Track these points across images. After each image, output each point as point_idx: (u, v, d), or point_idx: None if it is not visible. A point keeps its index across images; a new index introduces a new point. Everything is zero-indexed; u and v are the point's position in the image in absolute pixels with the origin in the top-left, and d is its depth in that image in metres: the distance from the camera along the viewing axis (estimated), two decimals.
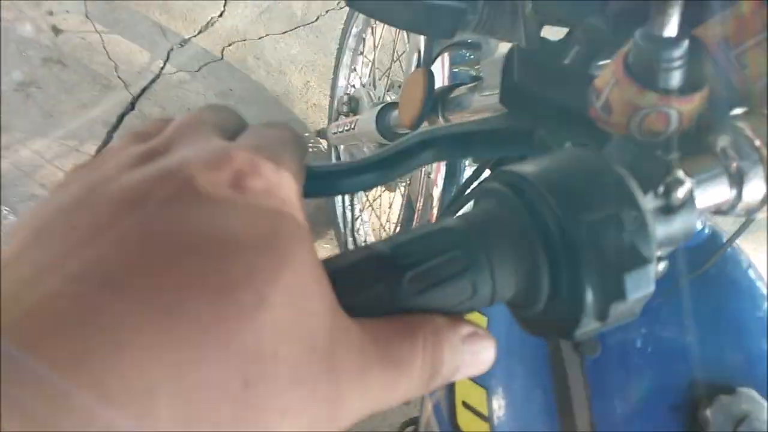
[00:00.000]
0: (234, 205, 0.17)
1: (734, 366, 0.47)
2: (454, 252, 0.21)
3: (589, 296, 0.21)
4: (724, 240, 0.56)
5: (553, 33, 0.46)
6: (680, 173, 0.23)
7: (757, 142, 0.26)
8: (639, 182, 0.22)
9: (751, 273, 0.57)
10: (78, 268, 0.15)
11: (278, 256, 0.17)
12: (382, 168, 0.29)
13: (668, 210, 0.23)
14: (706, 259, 0.54)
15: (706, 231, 0.56)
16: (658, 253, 0.24)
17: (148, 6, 1.85)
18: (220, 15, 1.90)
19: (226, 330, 0.15)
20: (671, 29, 0.25)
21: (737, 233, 0.49)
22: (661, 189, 0.23)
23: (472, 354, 0.22)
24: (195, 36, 1.85)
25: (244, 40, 1.89)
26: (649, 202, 0.23)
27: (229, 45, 1.87)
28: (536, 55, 0.36)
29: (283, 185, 0.19)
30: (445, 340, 0.21)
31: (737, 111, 0.28)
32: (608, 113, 0.28)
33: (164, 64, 1.79)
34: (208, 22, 1.88)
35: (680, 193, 0.23)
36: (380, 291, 0.21)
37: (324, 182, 0.26)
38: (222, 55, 1.85)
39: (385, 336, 0.20)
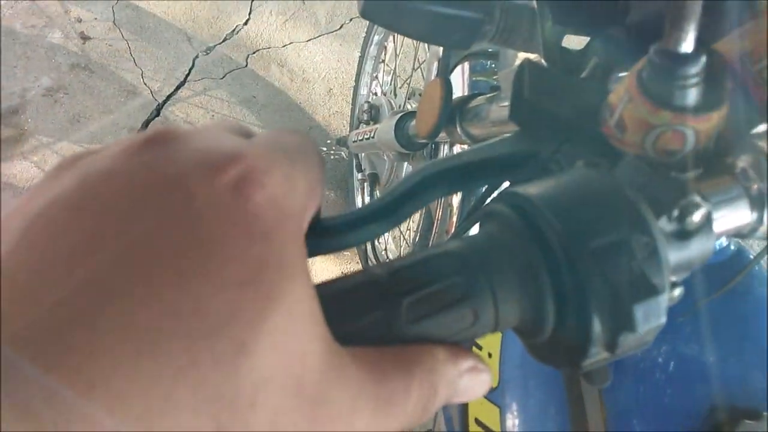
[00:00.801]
0: (227, 221, 0.16)
1: (760, 389, 0.46)
2: (455, 278, 0.21)
3: (597, 327, 0.20)
4: (751, 257, 0.54)
5: (574, 43, 0.46)
6: (696, 196, 0.22)
7: None
8: (652, 205, 0.21)
9: None
10: (55, 295, 0.14)
11: (266, 293, 0.16)
12: (386, 216, 0.27)
13: (683, 235, 0.22)
14: (731, 277, 0.52)
15: (732, 247, 0.54)
16: (673, 279, 0.23)
17: (175, 14, 1.87)
18: (245, 23, 1.92)
19: (199, 377, 0.14)
20: (687, 45, 0.24)
21: (764, 251, 0.47)
22: (675, 213, 0.22)
23: (467, 387, 0.21)
24: (220, 43, 1.88)
25: (269, 48, 1.90)
26: (661, 227, 0.22)
27: (254, 52, 1.88)
28: (549, 71, 0.35)
29: (290, 196, 0.18)
30: (442, 376, 0.20)
31: (759, 129, 0.27)
32: (622, 131, 0.27)
33: (189, 71, 1.81)
34: (233, 30, 1.90)
35: (696, 217, 0.22)
36: (377, 318, 0.20)
37: (325, 239, 0.25)
38: (246, 62, 1.86)
39: (379, 372, 0.19)
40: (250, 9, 1.94)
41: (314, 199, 0.20)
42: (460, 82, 0.92)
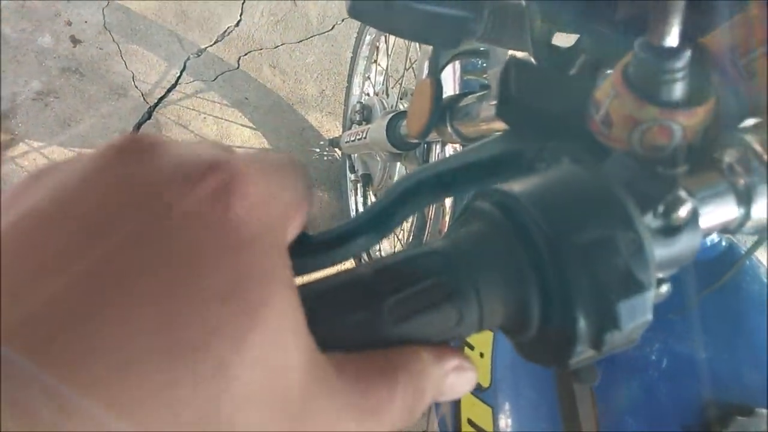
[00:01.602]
0: (206, 232, 0.16)
1: (752, 386, 0.46)
2: (439, 277, 0.20)
3: (582, 324, 0.19)
4: (742, 252, 0.54)
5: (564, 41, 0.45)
6: (682, 191, 0.22)
7: (766, 157, 0.25)
8: (637, 201, 0.21)
9: None
10: (25, 312, 0.13)
11: (247, 308, 0.15)
12: (376, 226, 0.27)
13: (669, 231, 0.22)
14: (723, 273, 0.52)
15: (723, 244, 0.54)
16: (660, 276, 0.23)
17: (165, 16, 1.87)
18: (237, 24, 1.91)
19: (178, 396, 0.14)
20: (672, 39, 0.24)
21: (754, 246, 0.47)
22: (661, 208, 0.22)
23: (453, 386, 0.21)
24: (211, 45, 1.87)
25: (260, 49, 1.90)
26: (647, 224, 0.22)
27: (245, 54, 1.88)
28: (535, 68, 0.35)
29: (271, 206, 0.18)
30: (428, 378, 0.20)
31: (746, 124, 0.27)
32: (608, 127, 0.27)
33: (181, 73, 1.80)
34: (224, 32, 1.89)
35: (682, 212, 0.22)
36: (361, 319, 0.20)
37: (315, 256, 0.24)
38: (238, 64, 1.86)
39: (363, 380, 0.18)
40: (242, 10, 1.93)
41: (298, 210, 0.20)
42: (451, 81, 0.92)
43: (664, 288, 0.22)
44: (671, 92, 0.25)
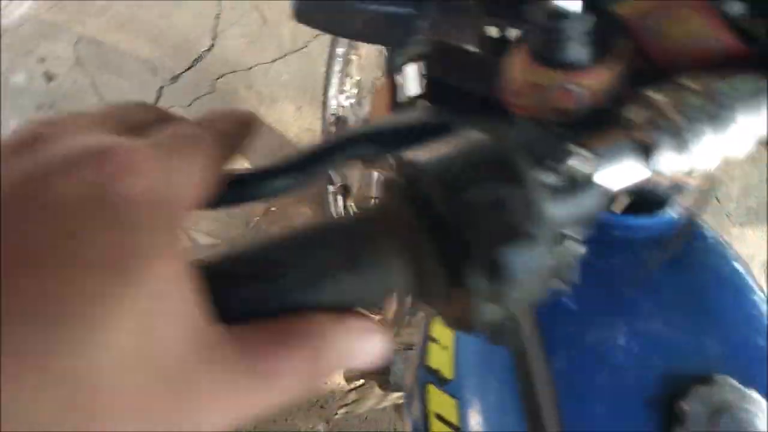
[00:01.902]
0: (87, 213, 0.16)
1: (713, 356, 0.46)
2: (332, 246, 0.21)
3: (476, 279, 0.20)
4: (702, 229, 0.55)
5: None
6: (575, 148, 0.22)
7: (670, 114, 0.25)
8: (533, 161, 0.21)
9: (735, 263, 0.55)
10: None
11: (126, 276, 0.16)
12: (296, 171, 0.28)
13: (566, 187, 0.22)
14: (683, 249, 0.52)
15: (682, 220, 0.54)
16: (569, 233, 0.23)
17: (138, 45, 1.88)
18: (209, 48, 1.92)
19: (55, 364, 0.14)
20: (573, 4, 0.24)
21: (697, 209, 0.47)
22: (555, 165, 0.22)
23: (360, 350, 0.21)
24: (185, 71, 1.88)
25: (234, 72, 1.91)
26: (542, 180, 0.22)
27: (220, 77, 1.89)
28: (458, 50, 0.35)
29: (162, 186, 0.18)
30: (325, 341, 0.20)
31: (653, 85, 0.27)
32: (517, 96, 0.27)
33: (156, 101, 1.81)
34: (197, 57, 1.90)
35: (578, 168, 0.22)
36: (260, 289, 0.20)
37: (233, 191, 0.25)
38: (213, 87, 1.87)
39: (253, 348, 0.19)
40: (215, 34, 1.95)
41: (196, 189, 0.20)
42: (415, 82, 0.93)
43: (572, 245, 0.22)
44: (570, 55, 0.25)
